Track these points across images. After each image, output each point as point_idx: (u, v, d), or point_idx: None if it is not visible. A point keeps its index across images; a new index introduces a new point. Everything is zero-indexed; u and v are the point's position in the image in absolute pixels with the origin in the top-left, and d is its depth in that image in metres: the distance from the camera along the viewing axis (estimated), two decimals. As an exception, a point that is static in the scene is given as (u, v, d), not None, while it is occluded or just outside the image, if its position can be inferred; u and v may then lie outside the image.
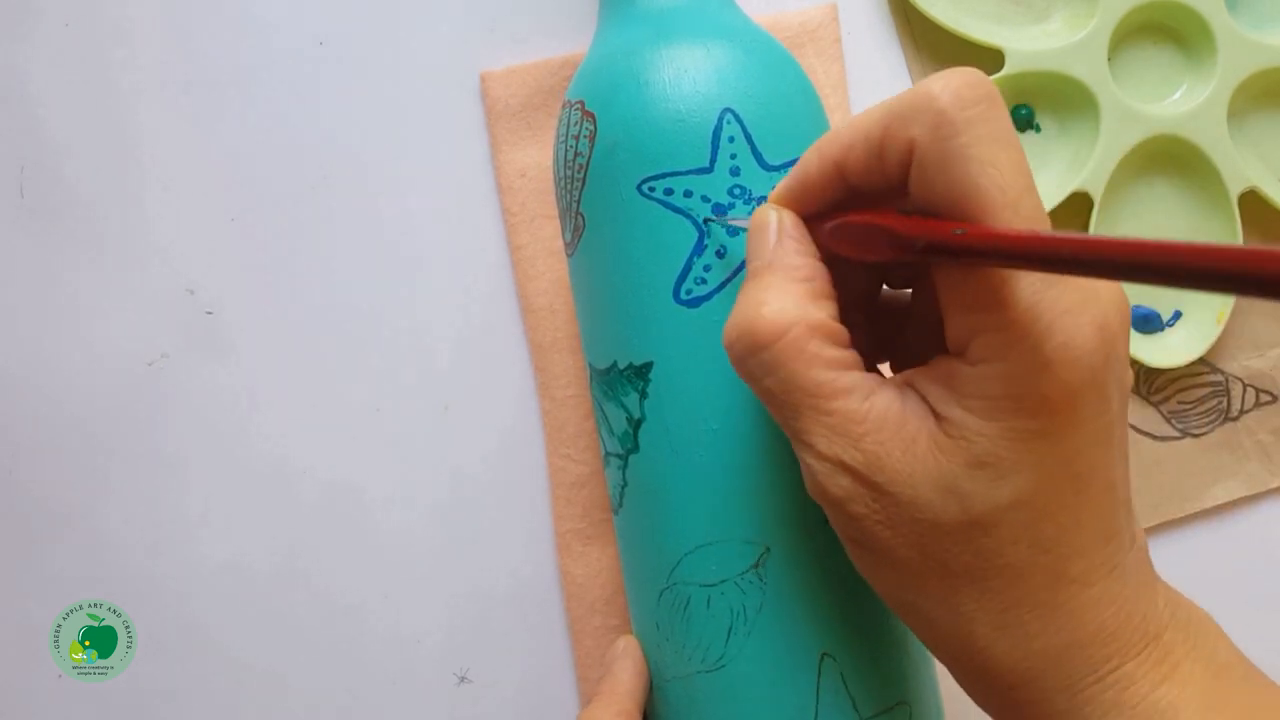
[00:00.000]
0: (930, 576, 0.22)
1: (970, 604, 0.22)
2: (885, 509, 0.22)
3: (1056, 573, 0.22)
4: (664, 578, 0.29)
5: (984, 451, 0.21)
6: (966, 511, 0.22)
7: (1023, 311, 0.21)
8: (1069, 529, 0.22)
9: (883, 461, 0.22)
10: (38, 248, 0.38)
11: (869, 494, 0.22)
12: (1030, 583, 0.22)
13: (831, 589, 0.28)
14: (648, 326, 0.29)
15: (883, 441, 0.22)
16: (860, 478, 0.22)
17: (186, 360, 0.38)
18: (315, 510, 0.38)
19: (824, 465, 0.23)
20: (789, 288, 0.23)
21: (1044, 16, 0.39)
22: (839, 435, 0.22)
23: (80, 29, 0.38)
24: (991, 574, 0.22)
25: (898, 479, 0.22)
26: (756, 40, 0.30)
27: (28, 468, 0.38)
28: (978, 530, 0.22)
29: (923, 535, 0.22)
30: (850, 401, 0.22)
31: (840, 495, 0.23)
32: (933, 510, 0.22)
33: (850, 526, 0.23)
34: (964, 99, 0.20)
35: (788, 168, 0.29)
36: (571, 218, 0.31)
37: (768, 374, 0.23)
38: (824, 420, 0.23)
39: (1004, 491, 0.21)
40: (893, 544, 0.23)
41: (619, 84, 0.29)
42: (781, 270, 0.24)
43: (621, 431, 0.30)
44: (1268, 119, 0.39)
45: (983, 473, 0.21)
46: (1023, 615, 0.22)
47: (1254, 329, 0.40)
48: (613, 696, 0.30)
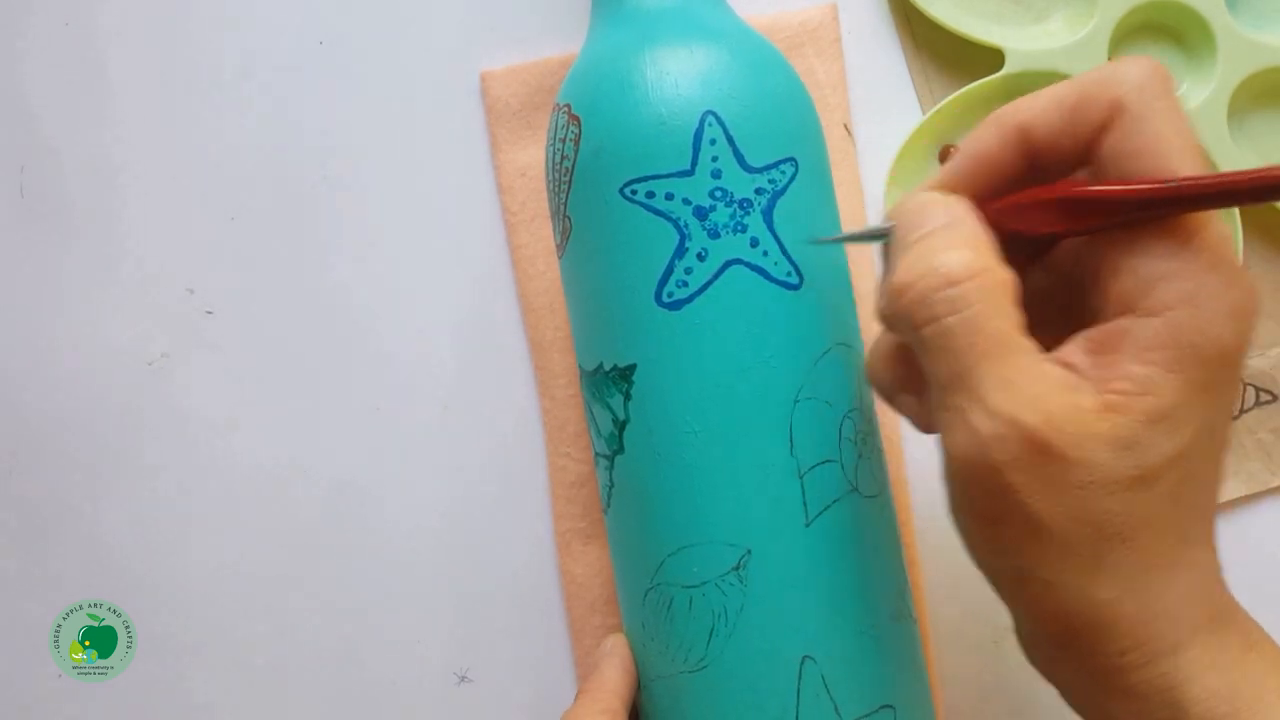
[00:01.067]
0: (1082, 542, 0.22)
1: (1111, 565, 0.22)
2: (1050, 476, 0.22)
3: (1184, 532, 0.23)
4: (648, 578, 0.29)
5: (1167, 404, 0.22)
6: (1139, 465, 0.22)
7: (1216, 258, 0.22)
8: (1202, 487, 0.23)
9: (1060, 422, 0.21)
10: (37, 247, 0.38)
11: (1036, 459, 0.22)
12: (1168, 540, 0.22)
13: (813, 592, 0.28)
14: (631, 329, 0.29)
15: (1059, 403, 0.22)
16: (1032, 440, 0.21)
17: (186, 360, 0.38)
18: (315, 510, 0.38)
19: (994, 423, 0.22)
20: (974, 240, 0.23)
21: (1044, 16, 0.39)
22: (1018, 392, 0.22)
23: (80, 28, 0.38)
24: (1141, 531, 0.22)
25: (1073, 442, 0.21)
26: (743, 41, 0.30)
27: (28, 468, 0.38)
28: (1144, 485, 0.22)
29: (1086, 499, 0.22)
30: (1030, 360, 0.22)
31: (1004, 460, 0.22)
32: (1104, 470, 0.21)
33: (998, 500, 0.22)
34: (1160, 73, 0.23)
35: (771, 169, 0.29)
36: (560, 220, 0.31)
37: (954, 311, 0.22)
38: (1003, 374, 0.22)
39: (1174, 442, 0.22)
40: (1047, 513, 0.22)
41: (603, 87, 0.29)
42: (959, 225, 0.24)
43: (608, 433, 0.30)
44: (1268, 119, 0.39)
45: (1162, 425, 0.22)
46: (1155, 574, 0.22)
47: (1254, 328, 0.40)
48: (598, 694, 0.30)
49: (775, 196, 0.29)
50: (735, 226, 0.28)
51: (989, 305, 0.22)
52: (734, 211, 0.28)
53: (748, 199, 0.28)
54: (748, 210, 0.28)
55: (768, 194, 0.29)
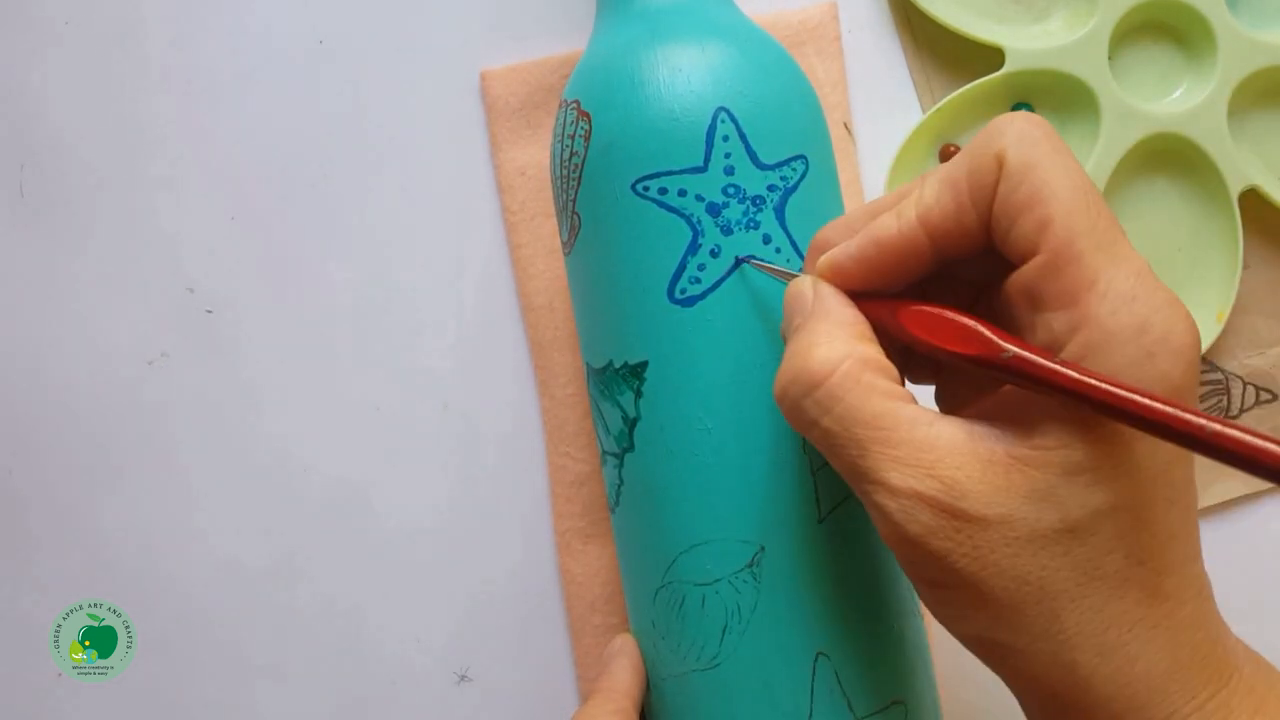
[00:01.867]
0: (1028, 603, 0.21)
1: (1071, 624, 0.21)
2: (972, 538, 0.21)
3: (1152, 588, 0.22)
4: (659, 576, 0.29)
5: (1083, 457, 0.21)
6: (1064, 518, 0.21)
7: (1122, 304, 0.21)
8: (1163, 541, 0.22)
9: (964, 485, 0.21)
10: (38, 246, 0.38)
11: (952, 525, 0.21)
12: (1128, 598, 0.21)
13: (826, 588, 0.28)
14: (642, 325, 0.29)
15: (959, 466, 0.22)
16: (941, 508, 0.21)
17: (186, 359, 0.38)
18: (315, 509, 0.38)
19: (899, 502, 0.22)
20: (835, 331, 0.24)
21: (1044, 15, 0.39)
22: (910, 465, 0.22)
23: (80, 27, 0.38)
24: (1090, 588, 0.21)
25: (984, 500, 0.21)
26: (752, 39, 0.30)
27: (28, 467, 0.38)
28: (1075, 539, 0.21)
29: (1018, 556, 0.21)
30: (916, 430, 0.22)
31: (920, 532, 0.22)
32: (1027, 524, 0.21)
33: (933, 567, 0.22)
34: (1036, 122, 0.22)
35: (782, 166, 0.29)
36: (568, 217, 0.31)
37: (825, 412, 0.23)
38: (892, 453, 0.22)
39: (1101, 496, 0.21)
40: (983, 576, 0.21)
41: (614, 83, 0.29)
42: (824, 317, 0.24)
43: (617, 430, 0.30)
44: (1268, 118, 0.39)
45: (1081, 478, 0.21)
46: (1123, 635, 0.21)
47: (1254, 327, 0.40)
48: (609, 694, 0.30)
49: (787, 193, 0.29)
50: (748, 223, 0.28)
51: (857, 394, 0.22)
52: (747, 208, 0.28)
53: (760, 196, 0.28)
54: (760, 207, 0.28)
55: (780, 191, 0.29)
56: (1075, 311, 0.21)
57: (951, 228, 0.23)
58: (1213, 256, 0.39)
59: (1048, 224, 0.21)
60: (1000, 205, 0.22)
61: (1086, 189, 0.22)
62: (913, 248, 0.24)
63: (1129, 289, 0.21)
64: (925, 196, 0.23)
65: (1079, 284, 0.21)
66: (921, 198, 0.23)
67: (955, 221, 0.23)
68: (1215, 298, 0.39)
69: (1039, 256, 0.22)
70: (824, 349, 0.23)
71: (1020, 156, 0.22)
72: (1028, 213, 0.22)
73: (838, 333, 0.24)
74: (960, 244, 0.23)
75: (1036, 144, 0.22)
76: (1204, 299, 0.39)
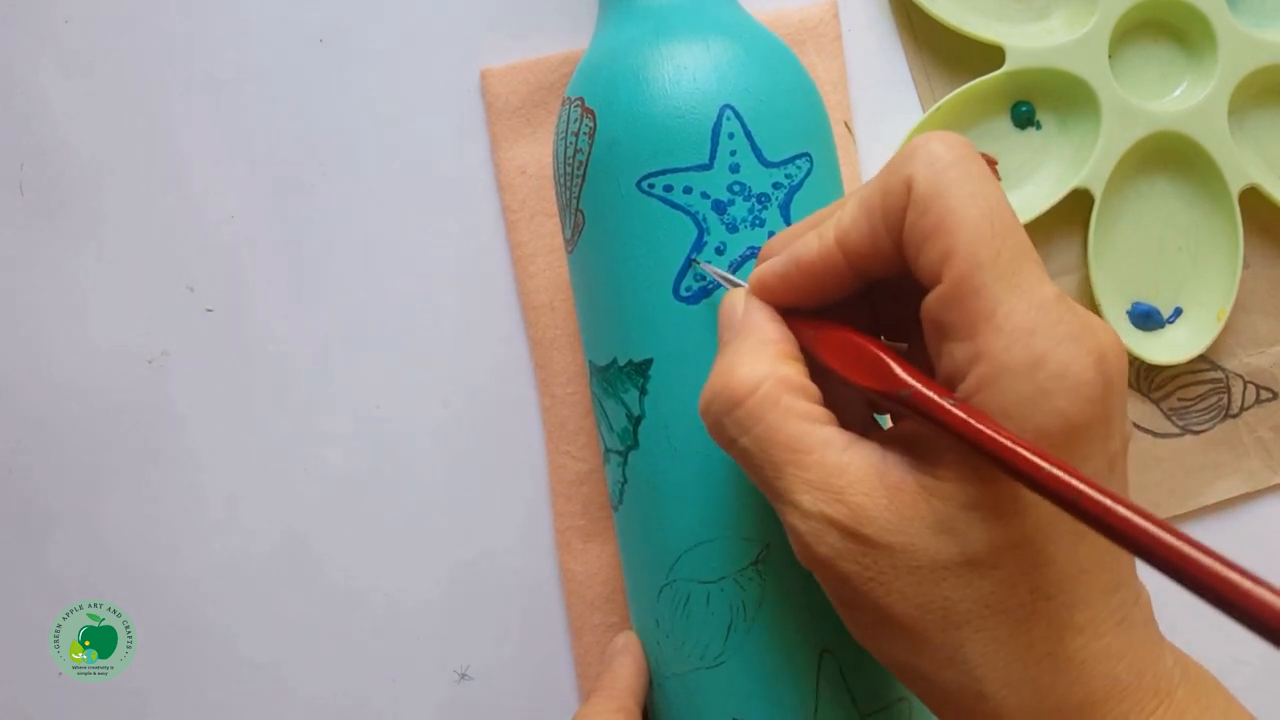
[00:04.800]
0: (932, 630, 0.22)
1: (976, 655, 0.21)
2: (877, 563, 0.22)
3: (1062, 621, 0.21)
4: (663, 574, 0.29)
5: (979, 492, 0.21)
6: (964, 551, 0.21)
7: (1018, 337, 0.20)
8: (1072, 575, 0.21)
9: (870, 513, 0.22)
10: (38, 245, 0.38)
11: (858, 549, 0.22)
12: (1035, 631, 0.21)
13: None
14: (647, 323, 0.29)
15: (868, 492, 0.22)
16: (848, 532, 0.22)
17: (186, 358, 0.38)
18: (315, 508, 0.38)
19: (809, 524, 0.22)
20: (758, 350, 0.24)
21: (1045, 13, 0.39)
22: (820, 490, 0.22)
23: (80, 25, 0.38)
24: (994, 619, 0.21)
25: (888, 528, 0.21)
26: (756, 36, 0.30)
27: (27, 467, 0.38)
28: (976, 571, 0.21)
29: (921, 584, 0.21)
30: (829, 454, 0.22)
31: (829, 554, 0.22)
32: (929, 554, 0.21)
33: (842, 588, 0.22)
34: (951, 142, 0.22)
35: (787, 164, 0.29)
36: (571, 214, 0.31)
37: (743, 432, 0.23)
38: (804, 476, 0.22)
39: (1000, 532, 0.21)
40: (888, 601, 0.22)
41: (619, 80, 0.29)
42: (748, 335, 0.24)
43: (621, 428, 0.30)
44: (1268, 116, 0.39)
45: (978, 513, 0.21)
46: (1030, 667, 0.21)
47: (1254, 326, 0.40)
48: (612, 692, 0.30)
49: (792, 191, 0.29)
50: (753, 221, 0.28)
51: (774, 416, 0.23)
52: (752, 206, 0.28)
53: (765, 193, 0.28)
54: (765, 205, 0.28)
55: (785, 188, 0.29)
56: (973, 344, 0.21)
57: (867, 250, 0.23)
58: (1213, 255, 0.39)
59: (950, 254, 0.21)
60: (908, 232, 0.22)
61: (994, 217, 0.21)
62: (832, 269, 0.24)
63: (1027, 322, 0.20)
64: (844, 219, 0.23)
65: (977, 316, 0.21)
66: (840, 219, 0.23)
67: (870, 245, 0.23)
68: (1216, 296, 0.39)
69: (941, 286, 0.21)
70: (746, 368, 0.23)
71: (927, 183, 0.21)
72: (933, 241, 0.21)
73: (761, 352, 0.24)
74: (878, 266, 0.23)
75: (945, 170, 0.21)
76: (1205, 298, 0.39)
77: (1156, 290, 0.39)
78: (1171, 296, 0.39)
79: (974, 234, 0.21)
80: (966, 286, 0.21)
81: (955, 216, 0.21)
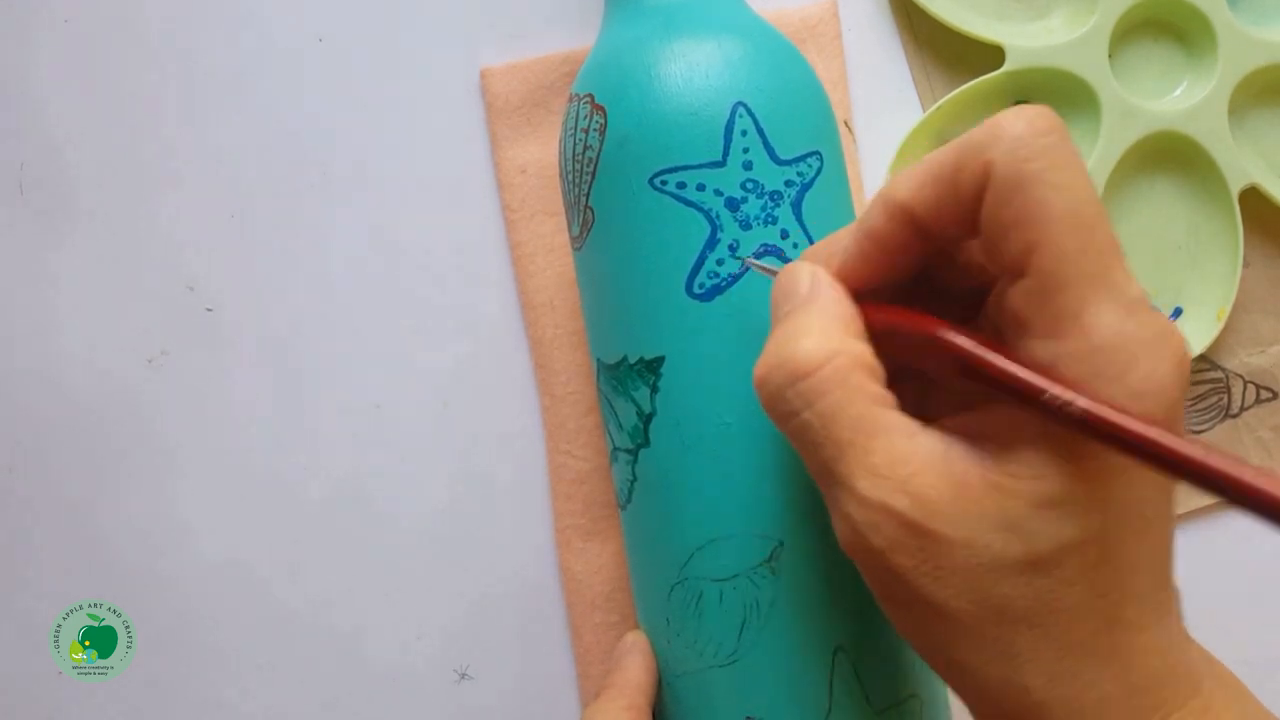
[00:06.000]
0: (986, 625, 0.21)
1: (1025, 650, 0.21)
2: (935, 557, 0.21)
3: (1112, 617, 0.21)
4: (675, 573, 0.29)
5: (1056, 490, 0.20)
6: (1030, 550, 0.21)
7: (1108, 339, 0.20)
8: (1127, 573, 0.21)
9: (934, 504, 0.21)
10: (37, 245, 0.38)
11: (916, 542, 0.21)
12: (1086, 626, 0.21)
13: (845, 582, 0.28)
14: (659, 320, 0.29)
15: (932, 483, 0.21)
16: (908, 524, 0.21)
17: (186, 357, 0.38)
18: (315, 507, 0.38)
19: (866, 512, 0.21)
20: (829, 323, 0.23)
21: (1045, 13, 0.39)
22: (884, 477, 0.21)
23: (79, 25, 0.38)
24: (1049, 617, 0.21)
25: (952, 521, 0.21)
26: (765, 34, 0.30)
27: (27, 467, 0.38)
28: (1038, 571, 0.21)
29: (979, 580, 0.21)
30: (896, 440, 0.21)
31: (884, 546, 0.21)
32: (991, 551, 0.21)
33: (893, 583, 0.22)
34: (1038, 127, 0.21)
35: (799, 162, 0.29)
36: (580, 212, 0.31)
37: (807, 406, 0.22)
38: (867, 461, 0.21)
39: (1071, 530, 0.21)
40: (942, 596, 0.21)
41: (630, 77, 0.29)
42: (819, 306, 0.23)
43: (631, 426, 0.30)
44: (1269, 116, 0.39)
45: (1052, 512, 0.21)
46: (1078, 662, 0.21)
47: (1255, 325, 0.40)
48: (622, 690, 0.30)
49: (804, 189, 0.29)
50: (766, 218, 0.28)
51: (843, 393, 0.22)
52: (765, 203, 0.28)
53: (778, 191, 0.28)
54: (778, 202, 0.28)
55: (797, 186, 0.29)
56: (1058, 344, 0.20)
57: (933, 218, 0.22)
58: (1213, 254, 0.39)
59: (1035, 247, 0.20)
60: (987, 220, 0.21)
61: (1082, 209, 0.20)
62: (900, 236, 0.23)
63: (1115, 324, 0.20)
64: (910, 185, 0.22)
65: (1064, 315, 0.20)
66: (907, 186, 0.23)
67: (936, 213, 0.22)
68: (1216, 296, 0.39)
69: (1025, 280, 0.21)
70: (815, 339, 0.22)
71: (1011, 171, 0.21)
72: (1015, 232, 0.21)
73: (832, 326, 0.23)
74: (946, 231, 0.23)
75: (1030, 159, 0.21)
76: (1204, 297, 0.39)
77: (1156, 290, 0.39)
78: (1171, 296, 0.39)
79: (1061, 228, 0.20)
80: (1053, 283, 0.20)
81: (1041, 210, 0.20)
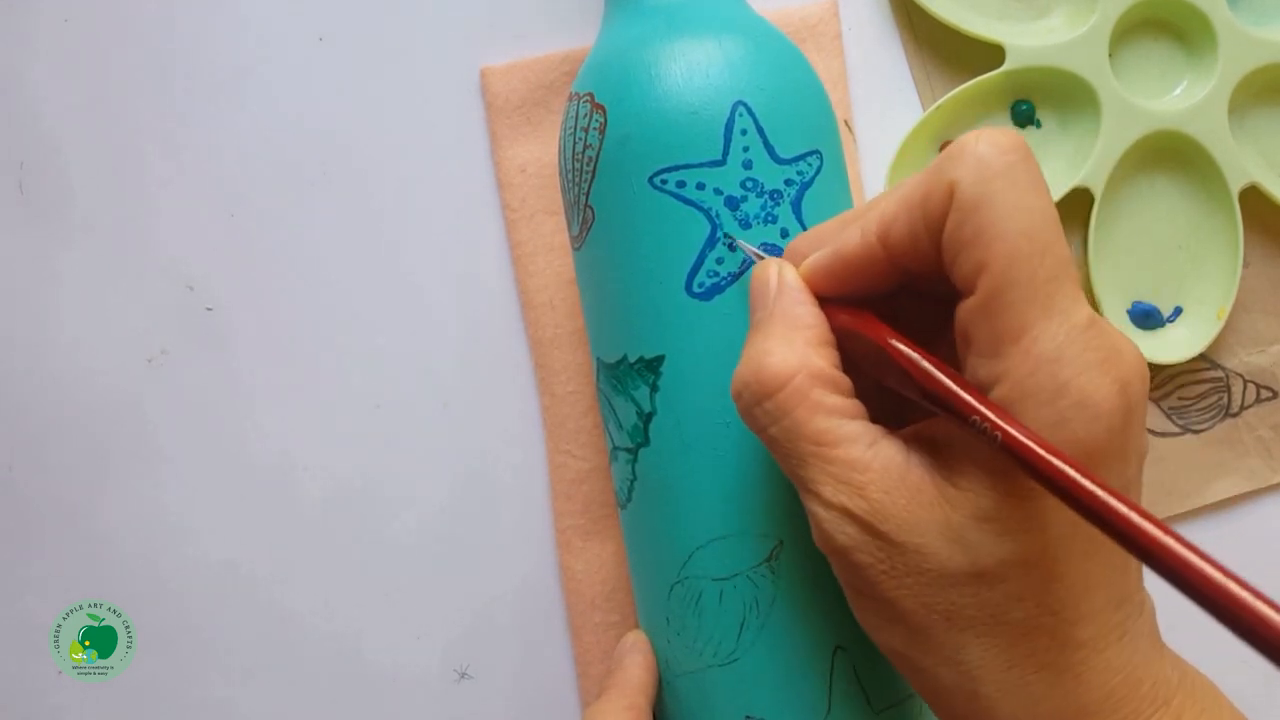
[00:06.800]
0: (935, 629, 0.22)
1: (974, 658, 0.22)
2: (890, 558, 0.22)
3: (1064, 636, 0.22)
4: (675, 572, 0.29)
5: (990, 507, 0.21)
6: (973, 563, 0.21)
7: (1042, 363, 0.20)
8: (1078, 592, 0.22)
9: (888, 510, 0.22)
10: (37, 244, 0.38)
11: (874, 543, 0.22)
12: (1036, 642, 0.22)
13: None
14: (659, 319, 0.29)
15: (887, 490, 0.22)
16: (866, 526, 0.22)
17: (186, 357, 0.38)
18: (315, 507, 0.38)
19: (830, 514, 0.23)
20: (791, 336, 0.24)
21: (1045, 12, 0.39)
22: (843, 483, 0.23)
23: (79, 25, 0.38)
24: (998, 628, 0.22)
25: (903, 527, 0.22)
26: (766, 34, 0.30)
27: (27, 467, 0.38)
28: (983, 583, 0.21)
29: (928, 585, 0.22)
30: (854, 450, 0.23)
31: (846, 544, 0.23)
32: (938, 559, 0.22)
33: (855, 577, 0.23)
34: (1001, 146, 0.21)
35: (799, 161, 0.29)
36: (580, 211, 0.31)
37: (772, 422, 0.23)
38: (828, 469, 0.23)
39: (1010, 548, 0.21)
40: (897, 595, 0.22)
41: (631, 76, 0.29)
42: (782, 319, 0.24)
43: (631, 425, 0.30)
44: (1269, 115, 0.39)
45: (989, 527, 0.21)
46: (1028, 675, 0.22)
47: (1255, 325, 0.40)
48: (623, 690, 0.30)
49: (804, 188, 0.29)
50: (766, 217, 0.28)
51: (803, 410, 0.23)
52: (765, 202, 0.28)
53: (778, 190, 0.28)
54: (778, 201, 0.28)
55: (796, 185, 0.29)
56: (998, 363, 0.21)
57: (908, 247, 0.23)
58: (1213, 254, 0.39)
59: (984, 267, 0.21)
60: (947, 238, 0.22)
61: (1036, 232, 0.21)
62: (874, 263, 0.24)
63: (1054, 348, 0.20)
64: (886, 213, 0.23)
65: (1005, 335, 0.21)
66: (883, 213, 0.23)
67: (910, 242, 0.23)
68: (1216, 295, 0.39)
69: (973, 298, 0.21)
70: (778, 357, 0.23)
71: (971, 190, 0.21)
72: (969, 251, 0.21)
73: (793, 338, 0.24)
74: (919, 263, 0.23)
75: (991, 178, 0.21)
76: (1205, 296, 0.39)
77: (1156, 289, 0.39)
78: (1172, 295, 0.39)
79: (1011, 250, 0.21)
80: (997, 304, 0.21)
81: (994, 230, 0.21)
